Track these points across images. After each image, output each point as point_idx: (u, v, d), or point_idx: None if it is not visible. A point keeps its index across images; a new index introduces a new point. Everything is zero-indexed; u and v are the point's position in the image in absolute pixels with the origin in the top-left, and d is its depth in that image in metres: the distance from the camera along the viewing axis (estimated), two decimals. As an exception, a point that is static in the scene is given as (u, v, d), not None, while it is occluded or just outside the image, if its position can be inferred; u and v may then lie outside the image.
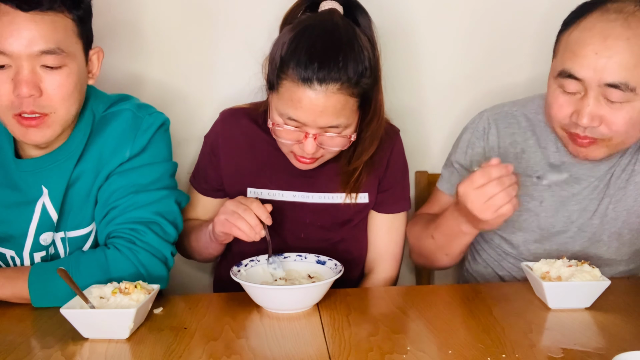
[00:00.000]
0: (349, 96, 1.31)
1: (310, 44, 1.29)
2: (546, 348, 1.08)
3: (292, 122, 1.33)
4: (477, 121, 1.53)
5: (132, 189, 1.35)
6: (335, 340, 1.11)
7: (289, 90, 1.30)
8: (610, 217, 1.44)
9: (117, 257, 1.30)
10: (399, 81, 1.79)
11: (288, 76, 1.30)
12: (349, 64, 1.29)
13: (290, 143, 1.37)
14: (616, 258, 1.47)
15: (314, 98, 1.28)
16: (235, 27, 1.75)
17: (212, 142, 1.54)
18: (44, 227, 1.34)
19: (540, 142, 1.46)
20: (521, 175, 1.22)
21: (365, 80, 1.32)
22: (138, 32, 1.74)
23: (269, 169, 1.51)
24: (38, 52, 1.18)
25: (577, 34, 1.27)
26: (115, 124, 1.37)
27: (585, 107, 1.26)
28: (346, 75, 1.28)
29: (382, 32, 1.43)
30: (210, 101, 1.76)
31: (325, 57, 1.28)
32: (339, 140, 1.37)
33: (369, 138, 1.44)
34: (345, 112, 1.32)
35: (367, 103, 1.39)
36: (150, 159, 1.38)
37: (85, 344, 1.12)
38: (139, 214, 1.34)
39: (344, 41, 1.31)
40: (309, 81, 1.28)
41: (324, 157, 1.42)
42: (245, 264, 1.37)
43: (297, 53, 1.29)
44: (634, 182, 1.43)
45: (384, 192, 1.54)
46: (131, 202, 1.34)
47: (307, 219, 1.52)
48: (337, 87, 1.28)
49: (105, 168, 1.36)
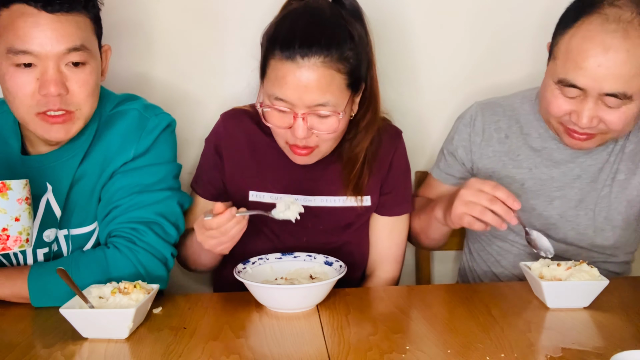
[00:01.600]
0: (335, 72, 1.30)
1: (293, 22, 1.31)
2: (545, 347, 1.08)
3: (279, 103, 1.32)
4: (466, 111, 1.62)
5: (135, 188, 1.35)
6: (334, 340, 1.12)
7: (274, 70, 1.31)
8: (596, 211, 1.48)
9: (116, 257, 1.30)
10: (399, 81, 1.79)
11: (274, 56, 1.31)
12: (333, 38, 1.29)
13: (282, 131, 1.36)
14: (597, 251, 1.51)
15: (297, 73, 1.28)
16: (239, 28, 1.75)
17: (216, 144, 1.52)
18: (47, 224, 1.35)
19: (523, 129, 1.53)
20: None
21: (350, 54, 1.31)
22: (143, 32, 1.74)
23: (271, 172, 1.50)
24: (65, 50, 1.21)
25: (578, 42, 1.29)
26: (121, 123, 1.38)
27: (584, 110, 1.31)
28: (328, 48, 1.28)
29: (382, 31, 1.43)
30: (213, 102, 1.76)
31: (308, 31, 1.29)
32: (329, 123, 1.34)
33: (364, 129, 1.43)
34: (332, 89, 1.30)
35: (358, 84, 1.37)
36: (155, 159, 1.39)
37: (85, 343, 1.12)
38: (141, 214, 1.35)
39: (327, 18, 1.32)
40: (292, 56, 1.28)
41: (320, 150, 1.39)
42: (253, 261, 1.37)
43: (281, 32, 1.31)
44: (618, 181, 1.47)
45: (386, 194, 1.53)
46: (133, 202, 1.35)
47: (309, 223, 1.50)
48: (321, 60, 1.28)
49: (109, 167, 1.36)
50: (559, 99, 1.34)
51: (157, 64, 1.76)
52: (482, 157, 1.55)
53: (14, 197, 1.14)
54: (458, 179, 1.61)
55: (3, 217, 1.13)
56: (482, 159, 1.55)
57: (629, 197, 1.46)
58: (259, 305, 1.27)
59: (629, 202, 1.47)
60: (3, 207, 1.13)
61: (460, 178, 1.60)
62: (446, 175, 1.62)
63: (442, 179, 1.63)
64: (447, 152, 1.62)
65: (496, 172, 1.53)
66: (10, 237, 1.14)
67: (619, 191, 1.47)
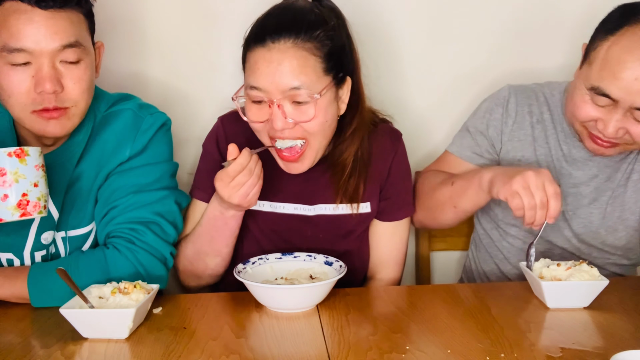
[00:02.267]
0: (308, 53, 1.28)
1: (266, 16, 1.34)
2: (545, 347, 1.08)
3: (254, 92, 1.30)
4: (498, 92, 1.59)
5: (132, 189, 1.35)
6: (334, 340, 1.12)
7: (249, 61, 1.31)
8: (608, 211, 1.47)
9: (116, 257, 1.30)
10: (399, 81, 1.79)
11: (250, 48, 1.31)
12: (303, 21, 1.29)
13: (262, 126, 1.33)
14: (609, 251, 1.50)
15: (268, 56, 1.27)
16: (236, 27, 1.74)
17: (217, 147, 1.49)
18: (45, 226, 1.34)
19: (553, 117, 1.51)
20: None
21: (323, 35, 1.30)
22: (139, 31, 1.74)
23: (270, 180, 1.45)
24: (60, 46, 1.20)
25: (617, 51, 1.28)
26: (116, 124, 1.38)
27: (612, 120, 1.31)
28: (298, 29, 1.28)
29: (382, 31, 1.43)
30: (211, 101, 1.76)
31: (278, 19, 1.30)
32: (308, 110, 1.29)
33: (351, 135, 1.42)
34: (306, 71, 1.28)
35: (337, 70, 1.33)
36: (151, 159, 1.39)
37: (85, 343, 1.12)
38: (139, 214, 1.35)
39: (300, 7, 1.33)
40: (263, 40, 1.28)
41: (311, 148, 1.35)
42: (253, 261, 1.37)
43: (255, 26, 1.33)
44: (632, 181, 1.46)
45: (386, 200, 1.51)
46: (131, 202, 1.35)
47: (309, 232, 1.48)
48: (291, 41, 1.27)
49: (105, 167, 1.36)
50: (588, 105, 1.34)
51: (153, 63, 1.76)
52: (513, 139, 1.52)
53: (32, 164, 1.16)
54: (486, 159, 1.56)
55: (23, 182, 1.15)
56: (512, 141, 1.52)
57: None
58: (259, 305, 1.27)
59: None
60: (23, 172, 1.14)
61: (489, 159, 1.56)
62: (472, 154, 1.56)
63: (466, 158, 1.57)
64: (474, 130, 1.57)
65: (525, 158, 1.51)
66: (30, 202, 1.15)
67: (633, 191, 1.46)
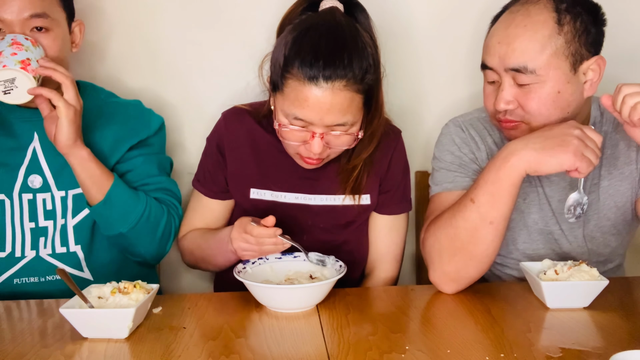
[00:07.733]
0: (355, 93, 1.31)
1: (314, 41, 1.30)
2: (545, 347, 1.08)
3: (298, 122, 1.33)
4: (446, 126, 1.53)
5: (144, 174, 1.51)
6: (334, 340, 1.12)
7: (294, 90, 1.30)
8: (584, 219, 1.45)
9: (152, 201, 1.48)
10: (399, 81, 1.79)
11: (293, 75, 1.29)
12: (354, 61, 1.29)
13: (297, 144, 1.37)
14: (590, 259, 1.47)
15: (320, 96, 1.28)
16: (236, 28, 1.75)
17: (218, 142, 1.52)
18: (32, 169, 1.46)
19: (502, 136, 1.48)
20: None
21: (369, 77, 1.33)
22: (143, 32, 1.74)
23: (272, 171, 1.50)
24: (28, 16, 1.36)
25: (493, 28, 1.37)
26: (127, 110, 1.54)
27: (500, 92, 1.34)
28: (352, 71, 1.29)
29: (382, 31, 1.43)
30: (214, 101, 1.76)
31: (331, 54, 1.28)
32: (345, 139, 1.37)
33: (369, 136, 1.44)
34: (351, 110, 1.32)
35: (371, 100, 1.38)
36: (158, 149, 1.56)
37: (85, 343, 1.12)
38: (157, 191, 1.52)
39: (348, 38, 1.31)
40: (315, 79, 1.27)
41: (330, 157, 1.42)
42: (253, 261, 1.37)
43: (302, 51, 1.29)
44: (602, 187, 1.44)
45: (385, 193, 1.54)
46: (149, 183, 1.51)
47: (310, 221, 1.51)
48: (344, 83, 1.29)
49: (117, 150, 1.49)
50: (486, 89, 1.39)
51: (156, 64, 1.76)
52: (483, 162, 1.46)
53: (40, 54, 1.35)
54: (474, 170, 1.46)
55: (31, 55, 1.32)
56: (484, 162, 1.46)
57: (618, 203, 1.44)
58: (259, 305, 1.27)
59: (618, 208, 1.44)
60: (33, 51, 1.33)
61: (475, 170, 1.46)
62: (459, 178, 1.45)
63: (457, 187, 1.44)
64: (449, 162, 1.47)
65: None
66: (31, 66, 1.31)
67: (605, 197, 1.44)
